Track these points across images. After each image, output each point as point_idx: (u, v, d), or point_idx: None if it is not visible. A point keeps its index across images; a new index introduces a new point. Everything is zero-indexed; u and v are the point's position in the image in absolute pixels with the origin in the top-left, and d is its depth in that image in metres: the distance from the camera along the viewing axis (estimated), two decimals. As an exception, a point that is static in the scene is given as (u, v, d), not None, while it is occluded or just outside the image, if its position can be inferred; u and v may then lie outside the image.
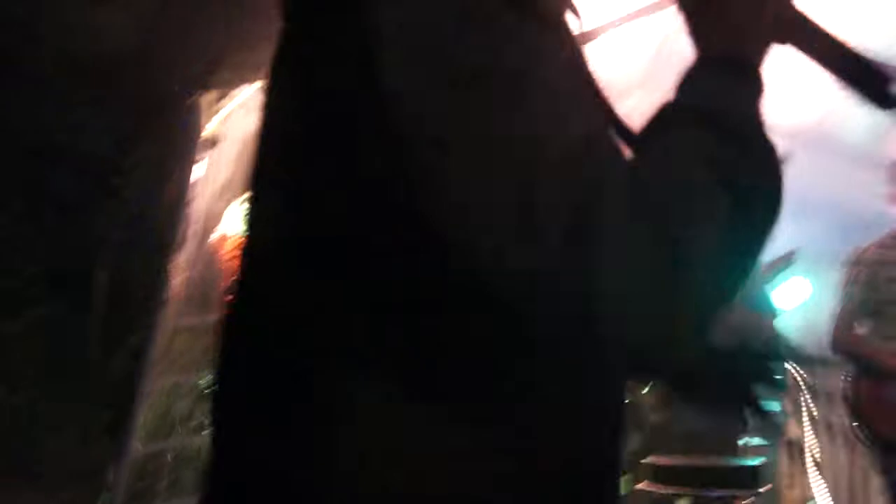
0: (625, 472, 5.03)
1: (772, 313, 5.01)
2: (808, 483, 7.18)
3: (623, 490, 5.18)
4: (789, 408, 7.53)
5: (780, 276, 5.33)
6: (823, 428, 7.17)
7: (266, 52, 3.39)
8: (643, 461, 4.67)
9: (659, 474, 4.28)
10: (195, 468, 4.75)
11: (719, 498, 4.68)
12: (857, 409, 4.61)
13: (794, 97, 6.02)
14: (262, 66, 3.41)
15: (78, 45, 3.60)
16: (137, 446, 4.20)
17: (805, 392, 7.19)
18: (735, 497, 5.01)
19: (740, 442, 5.59)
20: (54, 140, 3.44)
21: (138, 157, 3.96)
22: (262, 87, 3.61)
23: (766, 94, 3.39)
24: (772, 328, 5.02)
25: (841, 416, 6.05)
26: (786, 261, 4.83)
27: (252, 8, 4.10)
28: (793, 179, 3.89)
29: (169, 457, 4.58)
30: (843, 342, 4.59)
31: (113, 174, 3.76)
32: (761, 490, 4.99)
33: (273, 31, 3.29)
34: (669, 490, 4.44)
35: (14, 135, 3.44)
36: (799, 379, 7.28)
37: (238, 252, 3.66)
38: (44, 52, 3.52)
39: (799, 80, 5.76)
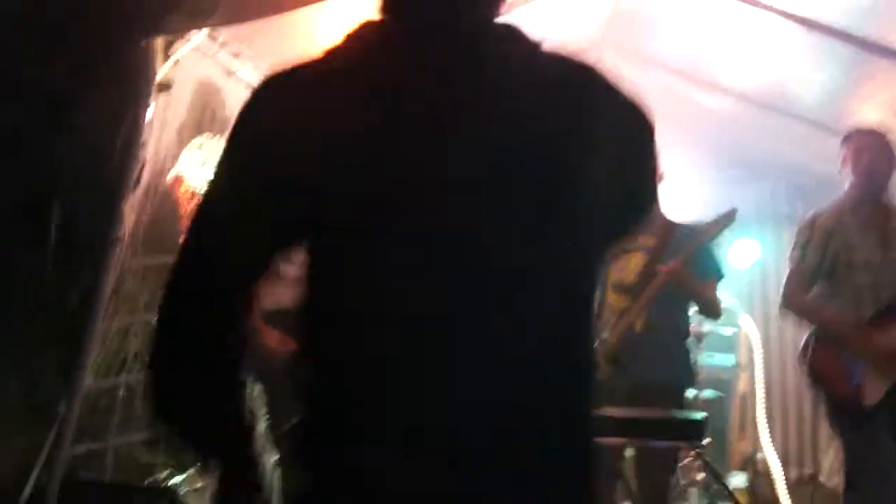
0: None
1: (717, 274, 5.09)
2: (758, 436, 7.32)
3: None
4: (742, 362, 7.70)
5: (728, 235, 5.43)
6: (776, 383, 7.31)
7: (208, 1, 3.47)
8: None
9: (606, 426, 4.37)
10: (139, 396, 4.80)
11: (664, 448, 4.76)
12: (810, 368, 4.72)
13: (749, 59, 6.21)
14: (214, 13, 3.53)
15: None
16: (90, 382, 4.24)
17: (757, 347, 7.30)
18: (679, 448, 5.18)
19: (691, 395, 5.67)
20: (9, 70, 3.50)
21: (94, 95, 3.94)
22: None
23: (723, 55, 3.62)
24: (714, 289, 5.19)
25: (793, 372, 6.16)
26: (727, 220, 4.88)
27: None
28: (747, 141, 4.06)
29: (121, 393, 4.62)
30: (795, 304, 4.72)
31: (68, 109, 3.81)
32: (704, 442, 5.05)
33: None
34: (616, 441, 4.47)
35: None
36: (751, 334, 7.41)
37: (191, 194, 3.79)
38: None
39: (754, 43, 5.84)
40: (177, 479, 4.97)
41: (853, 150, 4.71)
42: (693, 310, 5.30)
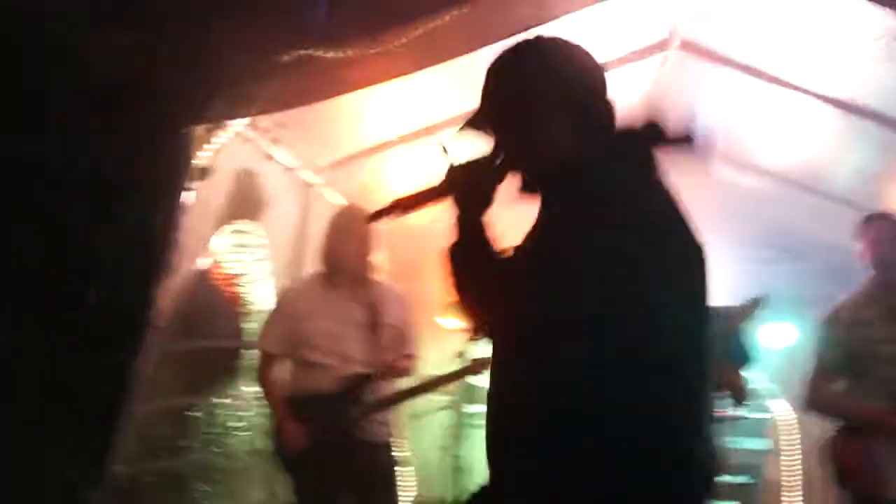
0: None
1: (744, 359, 5.12)
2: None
3: None
4: (775, 448, 7.61)
5: (761, 318, 5.44)
6: (804, 470, 7.27)
7: (257, 89, 3.58)
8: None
9: None
10: (175, 490, 4.90)
11: None
12: (834, 463, 4.67)
13: (785, 140, 6.25)
14: (255, 102, 3.60)
15: (81, 68, 3.77)
16: (119, 468, 4.18)
17: (793, 432, 7.28)
18: None
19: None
20: (57, 161, 3.58)
21: (136, 182, 4.04)
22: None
23: (759, 135, 5.25)
24: (742, 374, 5.16)
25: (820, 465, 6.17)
26: (756, 305, 5.00)
27: (245, 46, 4.27)
28: (783, 221, 4.09)
29: (145, 477, 4.64)
30: (817, 400, 4.69)
31: (111, 198, 3.88)
32: None
33: (264, 69, 3.49)
34: None
35: (18, 157, 3.58)
36: (786, 419, 7.38)
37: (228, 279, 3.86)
38: (48, 74, 3.68)
39: (789, 124, 5.90)
40: None
41: (869, 239, 4.70)
42: (721, 394, 5.19)
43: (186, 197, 4.35)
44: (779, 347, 7.29)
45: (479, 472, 6.50)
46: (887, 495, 4.41)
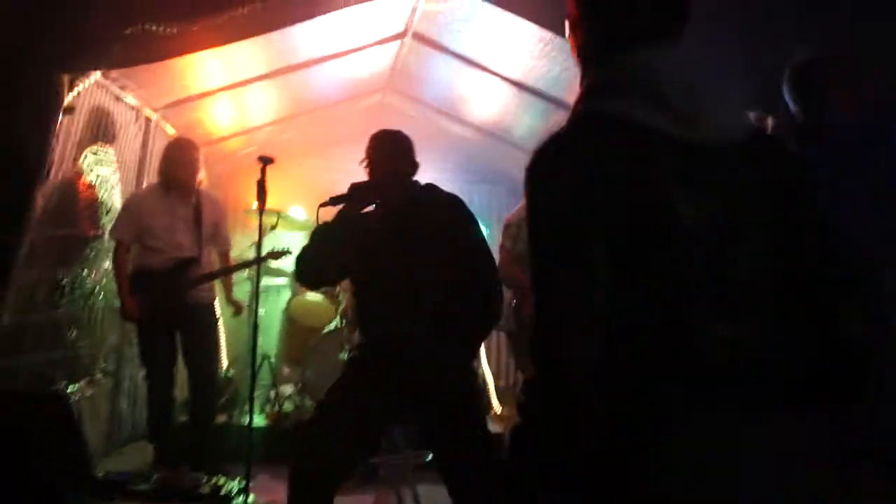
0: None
1: None
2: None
3: None
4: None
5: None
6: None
7: (106, 50, 3.75)
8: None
9: None
10: (52, 334, 4.89)
11: None
12: (519, 321, 4.93)
13: (483, 103, 6.63)
14: (107, 59, 3.77)
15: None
16: (6, 317, 4.25)
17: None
18: None
19: None
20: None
21: (19, 116, 4.07)
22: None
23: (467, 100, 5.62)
24: None
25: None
26: None
27: (97, 17, 4.37)
28: (484, 157, 4.64)
29: (31, 324, 4.62)
30: (507, 277, 4.71)
31: (4, 126, 3.97)
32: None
33: (113, 36, 3.66)
34: None
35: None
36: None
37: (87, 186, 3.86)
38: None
39: (487, 93, 6.33)
40: (70, 389, 4.92)
41: None
42: None
43: (55, 126, 4.36)
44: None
45: (268, 328, 6.81)
46: None
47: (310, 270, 3.44)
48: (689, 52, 1.50)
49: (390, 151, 3.47)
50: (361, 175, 4.78)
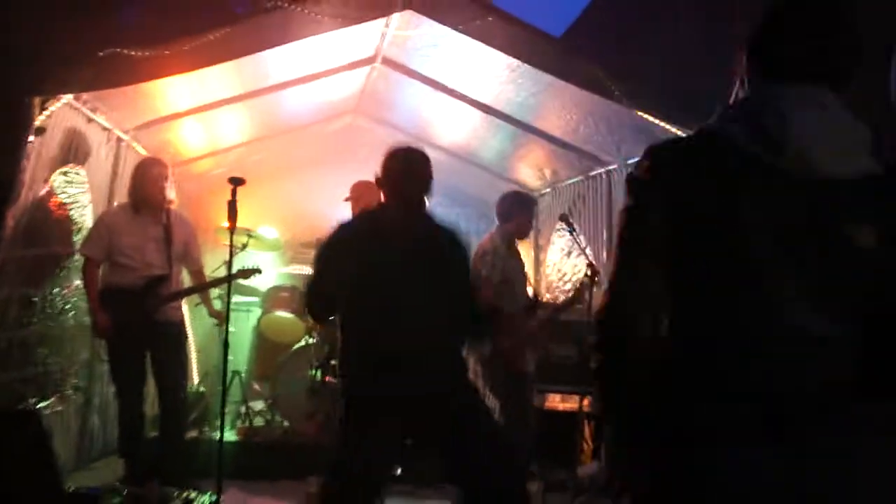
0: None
1: None
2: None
3: (316, 382, 5.33)
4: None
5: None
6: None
7: (77, 73, 3.69)
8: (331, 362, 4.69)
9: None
10: (22, 353, 4.84)
11: None
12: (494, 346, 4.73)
13: (452, 127, 6.67)
14: (78, 82, 3.71)
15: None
16: None
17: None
18: None
19: None
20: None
21: None
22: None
23: (437, 123, 5.41)
24: None
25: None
26: None
27: (69, 40, 4.34)
28: (453, 180, 4.63)
29: (2, 341, 4.58)
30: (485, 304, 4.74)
31: None
32: None
33: (86, 60, 3.59)
34: None
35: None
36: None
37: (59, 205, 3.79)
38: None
39: (454, 118, 6.36)
40: (41, 405, 4.92)
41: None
42: None
43: (26, 147, 4.32)
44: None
45: (239, 345, 6.76)
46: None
47: (321, 307, 3.49)
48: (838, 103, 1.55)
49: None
50: (331, 196, 4.73)
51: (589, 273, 4.86)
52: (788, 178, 1.46)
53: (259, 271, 5.41)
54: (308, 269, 7.09)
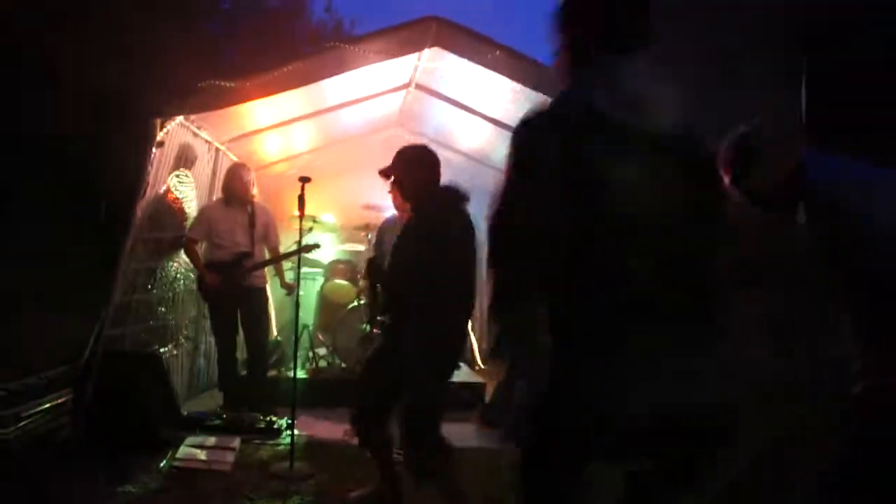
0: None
1: None
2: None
3: (365, 333, 5.31)
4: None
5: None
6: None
7: (187, 100, 4.05)
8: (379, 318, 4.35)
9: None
10: (146, 311, 5.01)
11: None
12: None
13: (471, 135, 6.67)
14: (188, 105, 4.06)
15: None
16: (117, 296, 4.40)
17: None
18: None
19: None
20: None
21: (127, 150, 4.33)
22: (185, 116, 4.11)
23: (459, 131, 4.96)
24: None
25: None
26: None
27: (182, 76, 4.59)
28: (470, 177, 4.61)
29: (133, 303, 4.80)
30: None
31: (115, 156, 4.12)
32: None
33: (192, 90, 3.95)
34: None
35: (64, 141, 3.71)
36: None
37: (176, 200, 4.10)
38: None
39: (473, 127, 6.47)
40: (161, 350, 5.07)
41: None
42: None
43: (150, 156, 4.57)
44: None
45: (307, 305, 6.88)
46: None
47: None
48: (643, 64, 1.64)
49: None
50: (378, 190, 4.80)
51: None
52: (633, 133, 1.53)
53: (318, 246, 5.46)
54: (360, 247, 7.27)
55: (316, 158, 6.88)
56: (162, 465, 3.96)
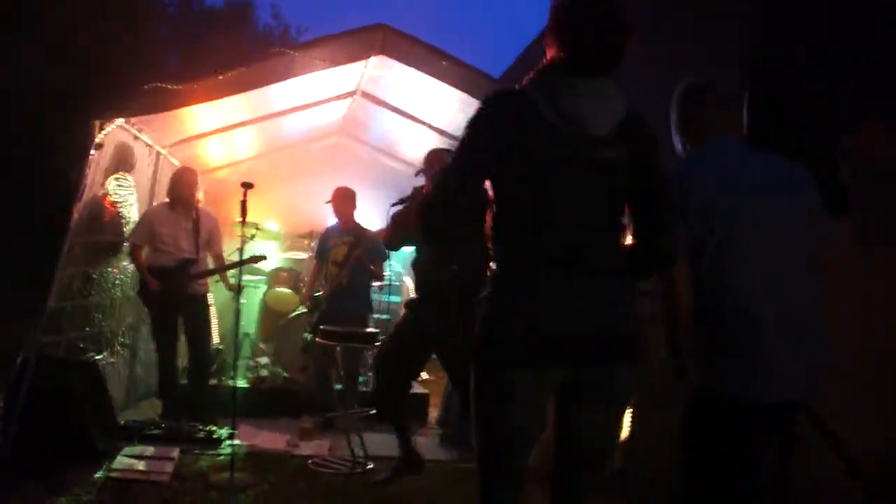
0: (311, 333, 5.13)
1: (382, 256, 5.47)
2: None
3: (307, 342, 5.24)
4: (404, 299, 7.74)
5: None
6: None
7: (129, 102, 3.98)
8: (321, 327, 4.60)
9: (327, 336, 4.29)
10: (82, 317, 4.93)
11: (355, 347, 4.77)
12: None
13: (413, 143, 6.55)
14: (129, 107, 3.99)
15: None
16: (52, 301, 4.26)
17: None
18: (364, 346, 5.06)
19: (373, 318, 5.82)
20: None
21: (65, 152, 4.24)
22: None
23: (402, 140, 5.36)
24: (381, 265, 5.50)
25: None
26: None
27: (124, 77, 4.55)
28: (414, 183, 4.55)
29: (68, 307, 4.67)
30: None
31: (53, 157, 4.03)
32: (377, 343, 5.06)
33: (135, 92, 3.87)
34: (332, 343, 4.41)
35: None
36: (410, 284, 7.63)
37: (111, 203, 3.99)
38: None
39: (415, 135, 6.40)
40: (98, 357, 4.96)
41: None
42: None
43: (88, 158, 4.46)
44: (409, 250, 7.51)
45: (249, 313, 6.85)
46: None
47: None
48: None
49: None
50: (319, 198, 4.72)
51: None
52: (566, 134, 1.75)
53: (265, 257, 5.45)
54: (302, 255, 7.23)
55: (259, 164, 6.84)
56: (97, 476, 3.84)
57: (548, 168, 1.74)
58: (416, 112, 6.08)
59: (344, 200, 5.63)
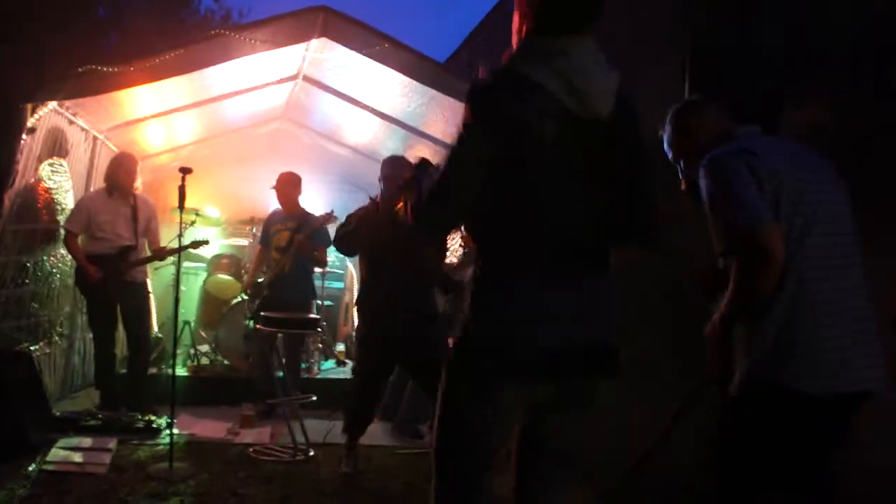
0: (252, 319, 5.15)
1: (327, 243, 5.30)
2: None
3: (250, 329, 5.26)
4: (347, 286, 7.70)
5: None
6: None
7: (63, 85, 3.89)
8: (262, 314, 4.68)
9: (268, 322, 4.39)
10: (17, 306, 4.85)
11: (298, 333, 4.96)
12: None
13: (358, 130, 6.65)
14: (63, 90, 3.89)
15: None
16: None
17: (356, 279, 6.79)
18: (307, 332, 5.38)
19: (316, 305, 5.75)
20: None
21: None
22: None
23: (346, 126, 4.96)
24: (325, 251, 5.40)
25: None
26: (328, 217, 4.99)
27: (58, 59, 4.44)
28: (358, 171, 4.64)
29: (2, 297, 4.61)
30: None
31: None
32: (319, 329, 5.35)
33: (68, 74, 3.79)
34: (273, 329, 4.55)
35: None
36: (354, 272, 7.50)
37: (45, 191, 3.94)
38: None
39: (360, 121, 6.45)
40: (33, 348, 4.88)
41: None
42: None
43: (20, 143, 4.39)
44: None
45: (189, 301, 6.79)
46: None
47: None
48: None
49: None
50: (262, 184, 4.66)
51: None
52: (577, 116, 1.66)
53: (206, 242, 5.44)
54: (244, 241, 7.16)
55: (201, 150, 6.72)
56: (31, 468, 3.76)
57: (556, 160, 1.65)
58: (360, 96, 6.02)
59: (290, 185, 5.58)
